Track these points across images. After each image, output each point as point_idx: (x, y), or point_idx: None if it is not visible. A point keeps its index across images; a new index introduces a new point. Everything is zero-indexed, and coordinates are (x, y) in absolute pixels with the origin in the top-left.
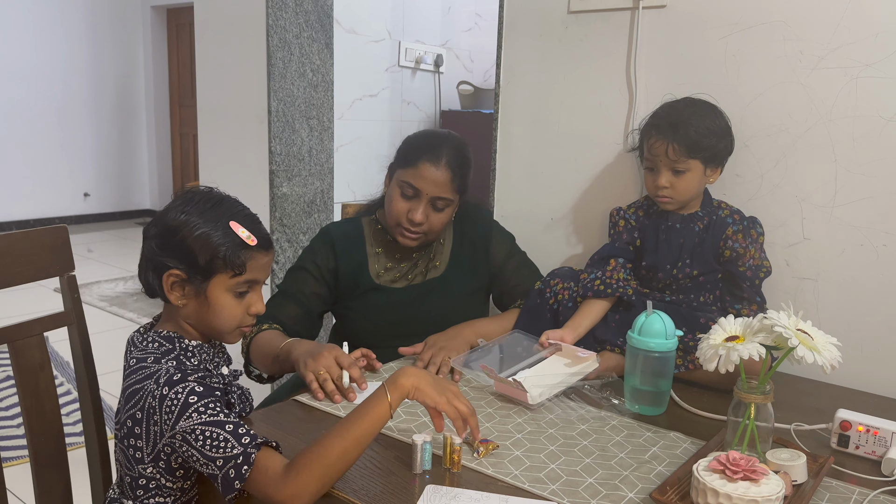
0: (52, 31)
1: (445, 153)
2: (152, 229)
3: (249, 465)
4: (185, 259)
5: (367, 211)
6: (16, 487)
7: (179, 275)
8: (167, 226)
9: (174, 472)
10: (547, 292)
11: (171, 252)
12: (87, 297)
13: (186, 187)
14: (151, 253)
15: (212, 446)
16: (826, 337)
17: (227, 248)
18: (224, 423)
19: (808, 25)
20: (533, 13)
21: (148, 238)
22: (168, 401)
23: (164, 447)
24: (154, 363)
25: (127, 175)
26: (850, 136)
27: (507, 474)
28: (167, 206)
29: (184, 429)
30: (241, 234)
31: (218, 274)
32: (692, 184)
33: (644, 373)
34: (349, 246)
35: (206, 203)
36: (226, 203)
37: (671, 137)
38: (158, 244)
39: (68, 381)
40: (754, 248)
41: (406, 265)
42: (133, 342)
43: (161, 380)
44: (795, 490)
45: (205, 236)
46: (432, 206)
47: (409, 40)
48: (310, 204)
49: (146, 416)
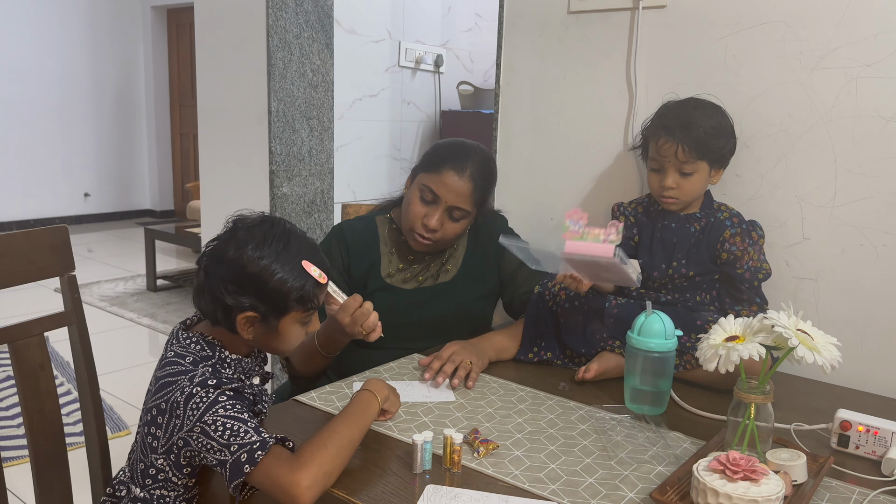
0: (51, 32)
1: (471, 164)
2: (221, 268)
3: (264, 451)
4: (263, 302)
5: (381, 209)
6: (16, 487)
7: (255, 317)
8: (243, 270)
9: (182, 469)
10: (546, 295)
11: (247, 295)
12: (87, 297)
13: (243, 218)
14: (221, 293)
15: (230, 434)
16: (826, 337)
17: (304, 289)
18: (247, 420)
19: (808, 25)
20: (533, 13)
21: (215, 276)
22: (196, 398)
23: (178, 440)
24: (192, 364)
25: (127, 175)
26: (850, 136)
27: (507, 474)
28: (232, 243)
29: (205, 421)
30: (314, 272)
31: (293, 312)
32: (698, 185)
33: (644, 373)
34: (362, 245)
35: (278, 243)
36: (293, 239)
37: (682, 139)
38: (233, 287)
39: (68, 381)
40: (753, 251)
41: (418, 267)
42: (176, 336)
43: (196, 379)
44: (795, 490)
45: (283, 281)
46: (449, 215)
47: (409, 40)
48: (310, 204)
49: (170, 408)
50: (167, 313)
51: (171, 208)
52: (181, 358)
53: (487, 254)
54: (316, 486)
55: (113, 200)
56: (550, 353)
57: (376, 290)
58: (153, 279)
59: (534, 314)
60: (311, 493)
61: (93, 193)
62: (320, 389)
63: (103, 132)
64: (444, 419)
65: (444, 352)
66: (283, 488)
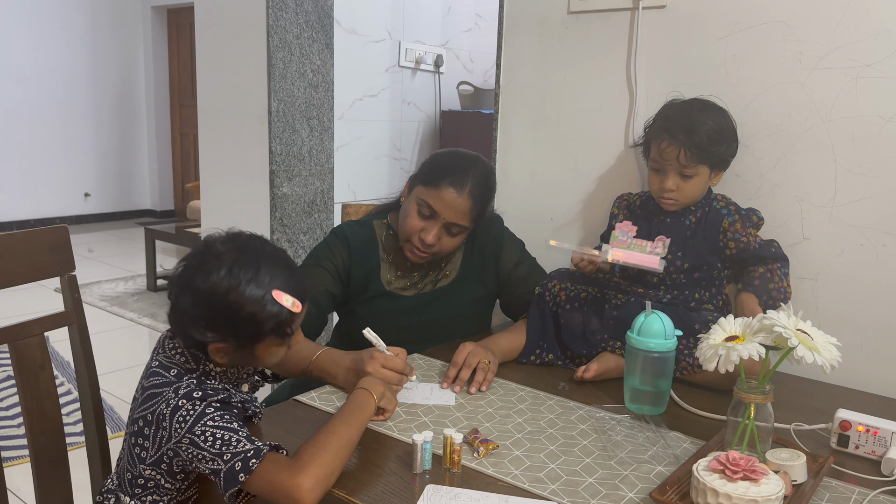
0: (52, 32)
1: (471, 181)
2: (188, 299)
3: (258, 460)
4: (235, 335)
5: (378, 214)
6: (16, 487)
7: (227, 347)
8: (211, 302)
9: (175, 476)
10: (546, 296)
11: (216, 329)
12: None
13: (210, 242)
14: (192, 325)
15: (222, 444)
16: (826, 337)
17: (276, 320)
18: (238, 430)
19: (808, 25)
20: (533, 13)
21: (183, 308)
22: (182, 410)
23: (168, 451)
24: (175, 377)
25: (127, 175)
26: (850, 136)
27: (507, 474)
28: (199, 272)
29: (194, 433)
30: (286, 302)
31: (268, 339)
32: (698, 187)
33: (644, 373)
34: (362, 250)
35: (248, 270)
36: (264, 265)
37: (685, 143)
38: (202, 321)
39: (68, 381)
40: (756, 231)
41: (417, 274)
42: (163, 345)
43: (181, 391)
44: (795, 490)
45: (254, 313)
46: (446, 231)
47: (409, 40)
48: (310, 204)
49: (156, 420)
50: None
51: (171, 208)
52: (165, 370)
53: (485, 255)
54: (318, 488)
55: (113, 200)
56: (552, 355)
57: (376, 295)
58: (153, 279)
59: (535, 316)
60: (314, 495)
61: (93, 193)
62: (320, 389)
63: (103, 132)
64: (444, 419)
65: (459, 355)
66: (286, 492)
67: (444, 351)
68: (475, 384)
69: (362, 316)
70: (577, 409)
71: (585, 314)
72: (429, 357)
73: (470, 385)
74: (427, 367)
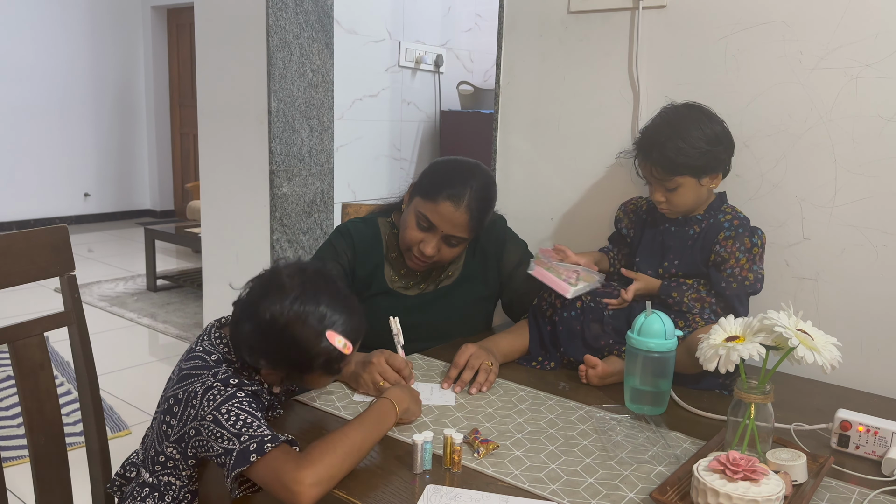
0: (52, 32)
1: (468, 194)
2: (247, 326)
3: (273, 445)
4: (287, 365)
5: (383, 212)
6: (16, 487)
7: (278, 373)
8: (269, 332)
9: (188, 459)
10: (543, 305)
11: (270, 358)
12: (87, 297)
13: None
14: (248, 351)
15: (243, 425)
16: (826, 337)
17: (326, 357)
18: (260, 419)
19: (808, 25)
20: (533, 13)
21: (243, 333)
22: (215, 390)
23: (190, 429)
24: (215, 363)
25: (127, 175)
26: (850, 136)
27: (507, 474)
28: (259, 298)
29: (220, 411)
30: (338, 344)
31: (316, 372)
32: (687, 196)
33: (644, 373)
34: (367, 247)
35: (306, 307)
36: (324, 302)
37: (654, 160)
38: (258, 346)
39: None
40: (743, 257)
41: (420, 274)
42: (209, 332)
43: (218, 376)
44: (795, 490)
45: (305, 350)
46: (445, 242)
47: (409, 40)
48: (310, 204)
49: (186, 397)
50: (167, 313)
51: (171, 208)
52: (207, 354)
53: (488, 256)
54: (319, 486)
55: (113, 200)
56: (553, 363)
57: (380, 293)
58: (153, 279)
59: (533, 327)
60: (313, 492)
61: (93, 193)
62: (320, 390)
63: (103, 132)
64: (444, 419)
65: (461, 357)
66: (286, 484)
67: (445, 351)
68: (476, 385)
69: (365, 313)
70: (577, 409)
71: (584, 321)
72: (430, 357)
73: (471, 386)
74: (428, 368)
